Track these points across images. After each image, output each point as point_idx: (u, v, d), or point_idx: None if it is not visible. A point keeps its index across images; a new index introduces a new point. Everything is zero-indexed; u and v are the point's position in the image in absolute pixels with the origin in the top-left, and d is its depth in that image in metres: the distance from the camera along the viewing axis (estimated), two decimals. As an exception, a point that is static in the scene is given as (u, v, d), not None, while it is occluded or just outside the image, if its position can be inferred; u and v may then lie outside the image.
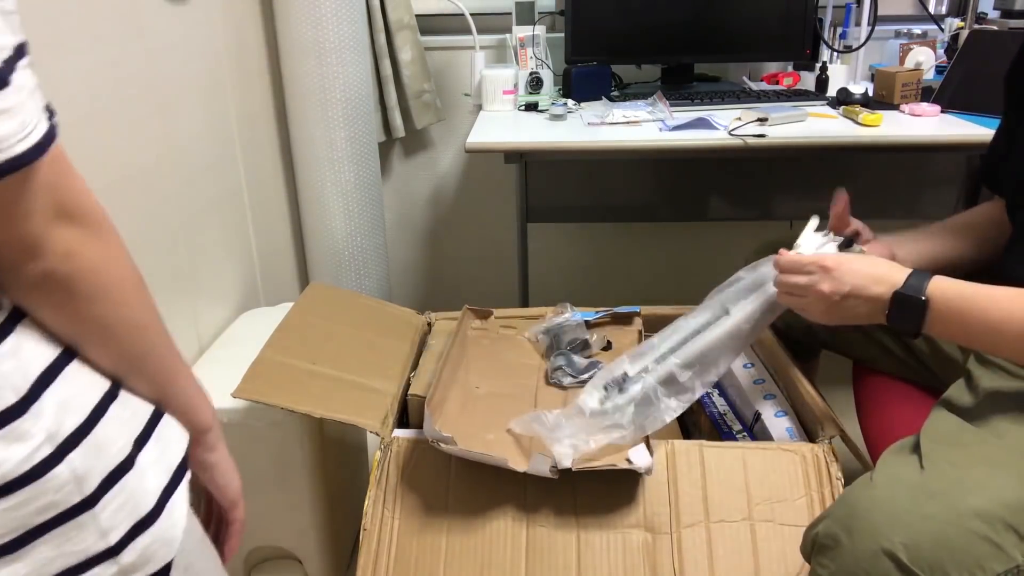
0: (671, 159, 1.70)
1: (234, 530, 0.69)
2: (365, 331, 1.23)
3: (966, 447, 0.78)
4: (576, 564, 0.94)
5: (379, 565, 0.95)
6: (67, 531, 0.48)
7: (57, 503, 0.48)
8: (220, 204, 1.45)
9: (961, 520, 0.70)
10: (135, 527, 0.52)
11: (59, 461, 0.47)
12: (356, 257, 1.71)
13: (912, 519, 0.71)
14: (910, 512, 0.72)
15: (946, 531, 0.70)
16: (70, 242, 0.48)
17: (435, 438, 0.94)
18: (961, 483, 0.73)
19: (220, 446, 0.66)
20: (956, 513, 0.71)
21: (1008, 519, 0.70)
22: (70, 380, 0.49)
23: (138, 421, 0.55)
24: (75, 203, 0.48)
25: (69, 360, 0.50)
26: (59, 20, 0.97)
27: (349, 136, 1.62)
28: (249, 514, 0.65)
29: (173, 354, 0.59)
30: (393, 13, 1.78)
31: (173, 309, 1.27)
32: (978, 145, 1.47)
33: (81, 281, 0.49)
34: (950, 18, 1.81)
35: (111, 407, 0.52)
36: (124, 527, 0.51)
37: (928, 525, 0.71)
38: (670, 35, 1.77)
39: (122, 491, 0.51)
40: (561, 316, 1.27)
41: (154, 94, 1.21)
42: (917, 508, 0.72)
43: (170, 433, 0.58)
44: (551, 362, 1.19)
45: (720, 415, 1.21)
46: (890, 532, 0.71)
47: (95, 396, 0.51)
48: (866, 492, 0.76)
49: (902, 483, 0.76)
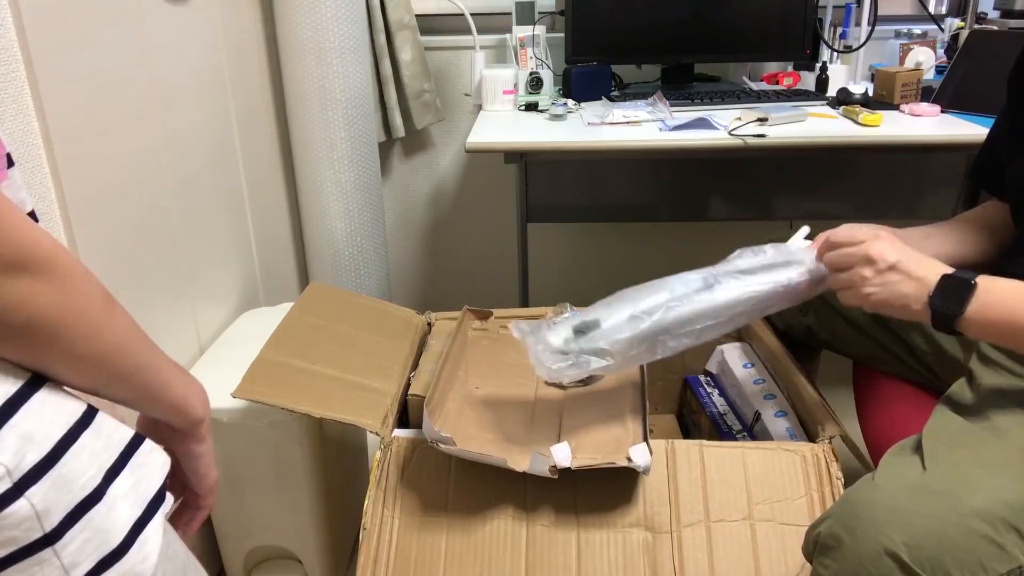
0: (671, 159, 1.71)
1: (201, 516, 0.68)
2: (365, 331, 1.23)
3: (968, 447, 0.78)
4: (576, 563, 0.94)
5: (379, 565, 0.95)
6: (28, 567, 0.47)
7: (17, 539, 0.46)
8: (220, 204, 1.46)
9: (963, 520, 0.70)
10: (102, 562, 0.50)
11: (18, 496, 0.45)
12: (356, 257, 1.71)
13: (914, 518, 0.71)
14: (912, 511, 0.72)
15: (948, 531, 0.70)
16: (21, 292, 0.45)
17: (434, 439, 0.94)
18: (963, 483, 0.73)
19: (208, 436, 0.65)
20: (958, 513, 0.71)
21: (1010, 519, 0.70)
22: (35, 412, 0.47)
23: (112, 451, 0.53)
24: (20, 252, 0.45)
25: (35, 389, 0.48)
26: (59, 20, 0.97)
27: (349, 136, 1.62)
28: (249, 514, 0.65)
29: (159, 363, 0.57)
30: (393, 13, 1.78)
31: (173, 309, 1.27)
32: (978, 145, 1.48)
33: (39, 327, 0.47)
34: (950, 18, 1.81)
35: (82, 436, 0.50)
36: (90, 563, 0.49)
37: (930, 524, 0.71)
38: (670, 35, 1.77)
39: (88, 525, 0.49)
40: (561, 316, 1.27)
41: (154, 94, 1.21)
42: (919, 507, 0.72)
43: (148, 461, 0.56)
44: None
45: (720, 415, 1.21)
46: (892, 531, 0.71)
47: (63, 426, 0.49)
48: (868, 492, 0.76)
49: (904, 483, 0.76)
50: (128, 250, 1.13)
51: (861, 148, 1.44)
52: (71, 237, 1.00)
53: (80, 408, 0.51)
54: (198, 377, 0.63)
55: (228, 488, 1.27)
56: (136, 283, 1.15)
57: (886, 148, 1.44)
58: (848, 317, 1.14)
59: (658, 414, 1.43)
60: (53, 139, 0.95)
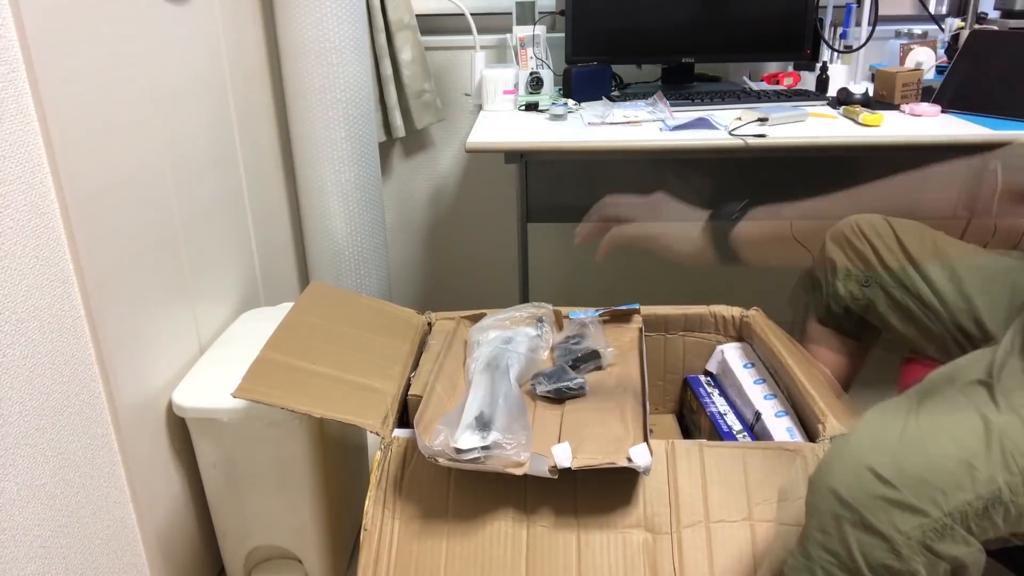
0: (671, 159, 1.70)
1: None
2: (365, 331, 1.23)
3: (961, 411, 0.79)
4: (576, 564, 0.94)
5: (379, 565, 0.95)
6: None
7: None
8: (220, 204, 1.46)
9: (947, 449, 0.72)
10: None
11: None
12: (356, 257, 1.71)
13: (897, 446, 0.73)
14: (895, 439, 0.74)
15: (931, 456, 0.71)
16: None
17: (431, 454, 0.94)
18: (953, 425, 0.75)
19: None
20: (943, 443, 0.72)
21: (1000, 446, 0.72)
22: None
23: None
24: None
25: None
26: (59, 20, 0.97)
27: (349, 136, 1.62)
28: (249, 514, 0.64)
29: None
30: (393, 13, 1.78)
31: (173, 309, 1.27)
32: (978, 145, 1.48)
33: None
34: (950, 18, 1.81)
35: None
36: None
37: (912, 450, 0.72)
38: (670, 35, 1.77)
39: None
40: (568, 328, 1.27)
41: (155, 94, 1.21)
42: (903, 436, 0.74)
43: None
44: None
45: (720, 415, 1.21)
46: (874, 453, 0.73)
47: None
48: (856, 429, 0.78)
49: (895, 418, 0.78)
50: (128, 250, 1.13)
51: (861, 148, 1.44)
52: (71, 237, 1.00)
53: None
54: (198, 377, 0.63)
55: (228, 488, 1.27)
56: (136, 283, 1.15)
57: (886, 148, 1.44)
58: (913, 292, 1.12)
59: (658, 414, 1.43)
60: (53, 139, 0.95)
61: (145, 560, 1.18)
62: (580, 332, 1.25)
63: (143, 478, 1.16)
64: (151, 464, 1.20)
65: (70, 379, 1.01)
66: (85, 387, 1.04)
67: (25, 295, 0.92)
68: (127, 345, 1.12)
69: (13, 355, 0.91)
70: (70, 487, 1.01)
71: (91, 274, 1.03)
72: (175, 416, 1.23)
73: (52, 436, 0.97)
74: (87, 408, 1.05)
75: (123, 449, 1.12)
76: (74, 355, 1.02)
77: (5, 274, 0.89)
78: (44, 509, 0.96)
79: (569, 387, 1.11)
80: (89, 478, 1.05)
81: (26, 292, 0.93)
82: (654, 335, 1.36)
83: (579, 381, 1.12)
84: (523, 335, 1.22)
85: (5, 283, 0.89)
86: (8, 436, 0.90)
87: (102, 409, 1.08)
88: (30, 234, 0.93)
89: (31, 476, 0.94)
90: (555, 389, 1.11)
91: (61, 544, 0.99)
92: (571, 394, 1.11)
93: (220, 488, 1.28)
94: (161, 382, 1.21)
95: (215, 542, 1.35)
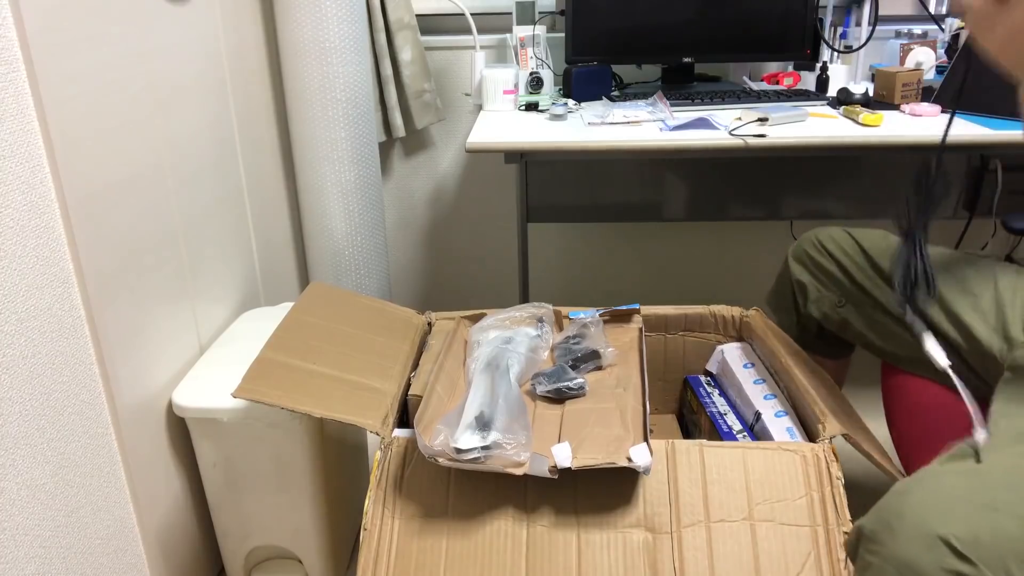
0: (671, 159, 1.70)
1: None
2: (365, 331, 1.23)
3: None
4: (576, 564, 0.94)
5: (379, 565, 0.95)
6: None
7: None
8: (220, 204, 1.46)
9: (1018, 509, 0.65)
10: None
11: None
12: (356, 257, 1.71)
13: (968, 508, 0.66)
14: (967, 501, 0.67)
15: (1006, 525, 0.65)
16: None
17: (431, 454, 0.94)
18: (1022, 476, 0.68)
19: None
20: (1018, 507, 0.66)
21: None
22: None
23: None
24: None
25: None
26: (60, 20, 0.97)
27: (349, 136, 1.62)
28: (249, 514, 0.64)
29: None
30: (393, 13, 1.78)
31: (173, 309, 1.27)
32: (978, 145, 1.48)
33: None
34: (950, 18, 1.81)
35: None
36: None
37: (987, 516, 0.65)
38: (670, 35, 1.77)
39: None
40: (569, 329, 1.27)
41: (154, 94, 1.21)
42: (975, 498, 0.67)
43: None
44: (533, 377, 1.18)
45: (720, 415, 1.21)
46: (944, 520, 0.66)
47: None
48: (916, 483, 0.71)
49: (956, 473, 0.71)
50: (128, 250, 1.13)
51: (861, 148, 1.44)
52: (71, 237, 1.00)
53: None
54: (198, 377, 0.63)
55: (228, 488, 1.27)
56: (136, 283, 1.15)
57: (886, 148, 1.44)
58: (887, 309, 1.10)
59: (658, 414, 1.43)
60: (53, 139, 0.95)
61: (145, 560, 1.19)
62: (580, 332, 1.25)
63: (143, 478, 1.16)
64: (151, 464, 1.19)
65: (70, 379, 1.01)
66: (85, 387, 1.04)
67: (25, 295, 0.92)
68: (127, 345, 1.12)
69: (13, 355, 0.91)
70: (70, 487, 1.01)
71: (91, 274, 1.03)
72: (175, 416, 1.23)
73: (52, 436, 0.97)
74: (87, 408, 1.05)
75: (123, 449, 1.12)
76: (74, 355, 1.02)
77: (5, 274, 0.89)
78: (44, 509, 0.96)
79: (569, 387, 1.11)
80: (89, 478, 1.05)
81: (26, 292, 0.93)
82: (654, 335, 1.36)
83: (579, 381, 1.12)
84: (523, 335, 1.22)
85: (5, 283, 0.89)
86: (8, 436, 0.90)
87: (102, 409, 1.08)
88: (30, 234, 0.93)
89: (31, 476, 0.94)
90: (555, 389, 1.11)
91: (61, 544, 0.99)
92: (571, 394, 1.11)
93: (220, 488, 1.28)
94: (161, 382, 1.21)
95: (215, 542, 1.35)
